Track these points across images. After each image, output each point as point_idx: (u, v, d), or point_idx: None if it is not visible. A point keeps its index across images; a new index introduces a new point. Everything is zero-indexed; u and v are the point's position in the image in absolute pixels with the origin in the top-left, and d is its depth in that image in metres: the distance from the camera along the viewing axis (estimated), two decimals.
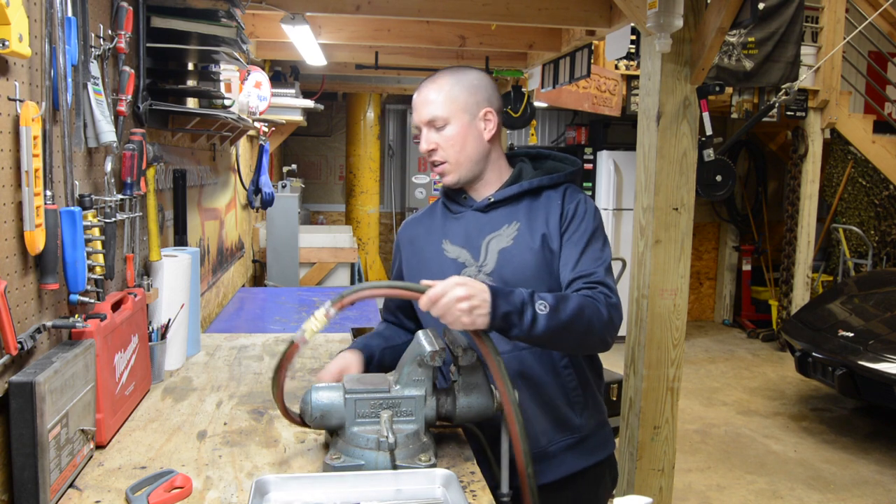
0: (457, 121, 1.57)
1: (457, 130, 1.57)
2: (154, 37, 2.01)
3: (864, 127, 6.30)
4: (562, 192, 1.61)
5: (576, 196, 1.61)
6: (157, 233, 2.00)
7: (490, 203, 1.62)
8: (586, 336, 1.43)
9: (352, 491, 1.25)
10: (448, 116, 1.56)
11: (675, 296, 2.58)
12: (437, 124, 1.57)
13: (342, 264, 5.28)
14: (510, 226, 1.59)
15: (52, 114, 1.37)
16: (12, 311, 1.20)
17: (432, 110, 1.56)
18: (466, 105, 1.57)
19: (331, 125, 8.06)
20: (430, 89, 1.58)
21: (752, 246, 7.55)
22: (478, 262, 1.58)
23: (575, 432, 1.60)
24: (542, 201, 1.61)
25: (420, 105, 1.58)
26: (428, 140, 1.58)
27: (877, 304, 4.76)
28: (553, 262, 1.56)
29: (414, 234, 1.73)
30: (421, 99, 1.59)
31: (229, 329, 2.88)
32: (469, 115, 1.58)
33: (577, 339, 1.43)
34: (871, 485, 3.90)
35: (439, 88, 1.57)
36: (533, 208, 1.60)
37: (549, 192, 1.62)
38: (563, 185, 1.63)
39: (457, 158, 1.58)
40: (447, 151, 1.58)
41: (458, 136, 1.57)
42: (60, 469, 1.24)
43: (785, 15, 5.52)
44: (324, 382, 1.42)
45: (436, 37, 4.12)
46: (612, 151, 6.78)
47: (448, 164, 1.59)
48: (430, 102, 1.57)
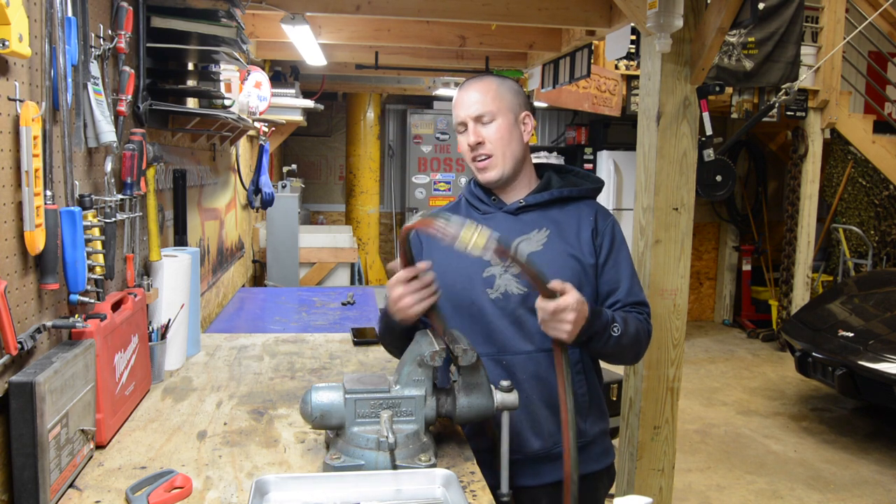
0: (503, 118, 1.61)
1: (503, 126, 1.61)
2: (154, 37, 2.01)
3: (864, 127, 6.30)
4: (593, 208, 1.68)
5: (608, 216, 1.69)
6: (157, 233, 2.00)
7: (521, 206, 1.65)
8: (634, 355, 1.62)
9: (352, 491, 1.25)
10: (496, 112, 1.61)
11: (675, 296, 2.58)
12: (485, 119, 1.61)
13: (342, 264, 5.28)
14: (540, 231, 1.62)
15: (52, 114, 1.37)
16: (12, 311, 1.20)
17: (481, 106, 1.60)
18: (511, 105, 1.63)
19: (331, 125, 8.06)
20: (476, 87, 1.62)
21: (752, 246, 7.55)
22: (504, 263, 1.60)
23: (579, 437, 1.61)
24: (570, 211, 1.66)
25: (467, 101, 1.62)
26: (476, 133, 1.61)
27: (877, 304, 4.76)
28: (580, 272, 1.60)
29: None
30: (467, 96, 1.62)
31: (229, 329, 2.88)
32: (513, 114, 1.63)
33: (626, 355, 1.61)
34: (871, 485, 3.90)
35: (486, 87, 1.62)
36: (562, 218, 1.64)
37: (576, 205, 1.67)
38: (587, 199, 1.69)
39: (503, 153, 1.62)
40: (494, 146, 1.61)
41: (505, 132, 1.61)
42: (60, 469, 1.24)
43: (785, 15, 5.52)
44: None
45: (436, 37, 4.12)
46: (612, 151, 6.78)
47: (494, 157, 1.62)
48: (478, 99, 1.61)
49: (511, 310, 1.58)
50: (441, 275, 1.59)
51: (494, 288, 1.59)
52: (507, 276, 1.59)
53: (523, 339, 1.57)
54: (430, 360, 1.35)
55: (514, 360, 1.58)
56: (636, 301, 1.63)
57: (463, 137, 1.65)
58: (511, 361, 1.58)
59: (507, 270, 1.60)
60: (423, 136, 7.86)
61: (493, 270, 1.60)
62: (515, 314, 1.58)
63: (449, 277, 1.61)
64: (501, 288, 1.59)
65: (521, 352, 1.58)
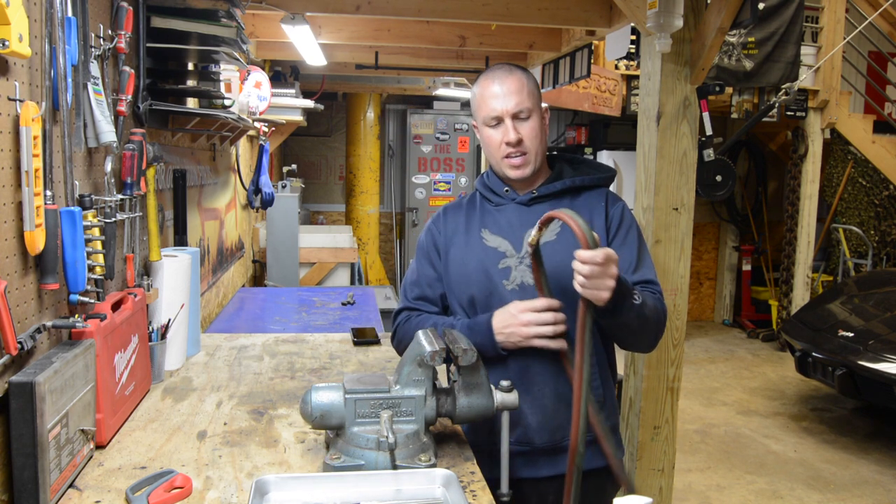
0: (536, 113, 1.61)
1: (537, 122, 1.61)
2: (154, 37, 2.01)
3: (864, 127, 6.29)
4: (604, 195, 1.67)
5: (618, 201, 1.68)
6: (157, 233, 2.00)
7: (534, 197, 1.65)
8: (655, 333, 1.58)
9: (352, 491, 1.25)
10: (532, 109, 1.60)
11: (675, 296, 2.58)
12: (523, 115, 1.59)
13: (342, 264, 5.28)
14: (553, 221, 1.60)
15: (52, 114, 1.37)
16: (12, 311, 1.20)
17: (519, 102, 1.58)
18: (538, 99, 1.63)
19: (331, 125, 8.06)
20: (511, 81, 1.60)
21: (752, 246, 7.55)
22: (519, 254, 1.60)
23: (590, 431, 1.61)
24: (582, 201, 1.65)
25: (505, 96, 1.59)
26: (516, 130, 1.59)
27: (877, 304, 4.76)
28: None
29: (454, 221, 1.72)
30: (505, 90, 1.59)
31: (229, 329, 2.88)
32: (541, 108, 1.63)
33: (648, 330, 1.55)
34: (871, 485, 3.90)
35: (521, 81, 1.60)
36: (575, 207, 1.63)
37: (588, 193, 1.67)
38: (600, 188, 1.68)
39: (537, 150, 1.62)
40: (531, 144, 1.61)
41: (539, 128, 1.62)
42: (60, 469, 1.24)
43: (785, 15, 5.52)
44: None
45: (436, 37, 4.12)
46: (612, 151, 6.77)
47: (528, 154, 1.61)
48: (516, 93, 1.58)
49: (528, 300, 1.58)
50: (459, 267, 1.59)
51: (511, 279, 1.60)
52: (522, 268, 1.59)
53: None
54: (430, 360, 1.35)
55: (532, 352, 1.57)
56: (647, 280, 1.61)
57: (496, 132, 1.61)
58: (528, 354, 1.58)
59: (522, 262, 1.59)
60: (423, 136, 7.86)
61: (508, 262, 1.61)
62: None
63: (466, 269, 1.62)
64: (518, 279, 1.59)
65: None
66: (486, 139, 1.64)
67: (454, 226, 1.71)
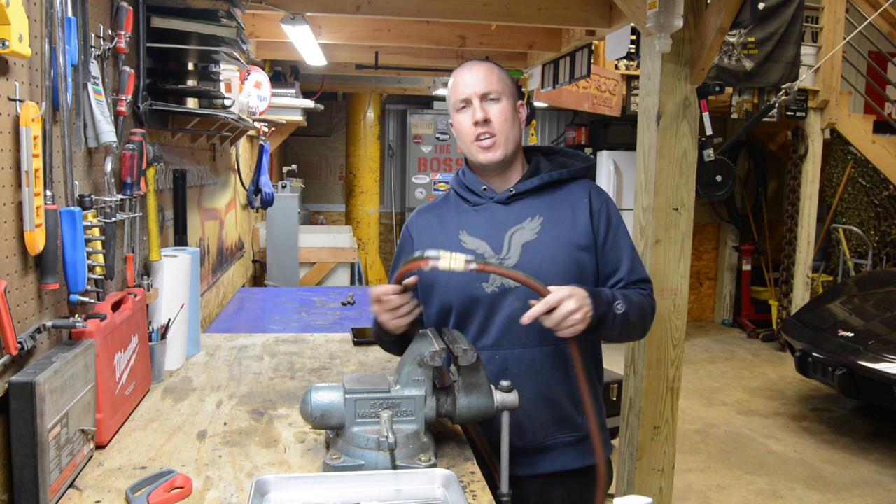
0: (506, 98, 1.63)
1: (507, 106, 1.63)
2: (154, 37, 2.01)
3: (864, 127, 6.29)
4: (586, 188, 1.67)
5: (602, 195, 1.68)
6: (157, 233, 2.00)
7: (512, 195, 1.64)
8: (641, 330, 1.64)
9: (352, 491, 1.25)
10: (501, 92, 1.62)
11: (675, 296, 2.58)
12: (491, 97, 1.61)
13: (342, 264, 5.28)
14: (533, 219, 1.61)
15: (52, 114, 1.37)
16: (12, 311, 1.20)
17: (487, 84, 1.61)
18: (511, 89, 1.65)
19: (331, 125, 8.06)
20: (480, 68, 1.63)
21: (752, 246, 7.55)
22: (499, 255, 1.59)
23: (575, 431, 1.62)
24: (563, 195, 1.65)
25: (473, 80, 1.62)
26: (483, 109, 1.60)
27: (877, 304, 4.76)
28: (579, 257, 1.59)
29: (427, 223, 1.73)
30: (471, 74, 1.62)
31: (229, 329, 2.88)
32: (513, 98, 1.65)
33: (634, 332, 1.61)
34: (871, 485, 3.90)
35: (490, 68, 1.64)
36: (555, 202, 1.63)
37: (569, 187, 1.66)
38: (580, 179, 1.69)
39: (507, 133, 1.62)
40: (499, 126, 1.61)
41: (509, 112, 1.63)
42: (60, 469, 1.24)
43: (785, 15, 5.52)
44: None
45: (436, 37, 4.12)
46: (612, 151, 6.77)
47: (498, 137, 1.62)
48: (484, 77, 1.61)
49: (508, 303, 1.58)
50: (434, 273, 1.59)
51: (490, 281, 1.59)
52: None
53: (519, 333, 1.56)
54: (430, 360, 1.35)
55: (510, 354, 1.58)
56: (639, 278, 1.64)
57: (464, 116, 1.63)
58: (506, 356, 1.58)
59: (503, 263, 1.58)
60: (423, 136, 7.86)
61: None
62: (512, 307, 1.57)
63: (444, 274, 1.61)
64: (498, 280, 1.59)
65: (517, 346, 1.58)
66: (458, 125, 1.66)
67: (428, 230, 1.71)
